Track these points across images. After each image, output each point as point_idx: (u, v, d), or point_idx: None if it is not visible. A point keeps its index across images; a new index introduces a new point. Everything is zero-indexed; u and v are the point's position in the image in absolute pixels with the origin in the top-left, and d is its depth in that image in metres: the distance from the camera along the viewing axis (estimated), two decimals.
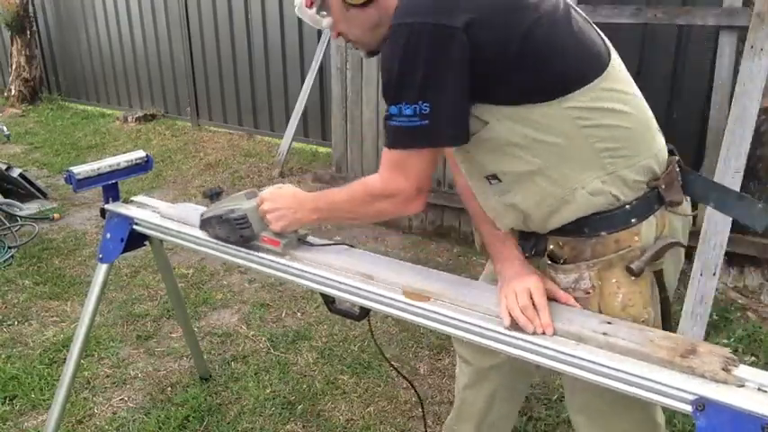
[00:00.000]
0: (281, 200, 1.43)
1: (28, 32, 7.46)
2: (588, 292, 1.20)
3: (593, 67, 1.15)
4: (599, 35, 1.23)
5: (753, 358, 2.52)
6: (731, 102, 2.71)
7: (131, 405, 2.34)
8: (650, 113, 1.24)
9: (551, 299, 1.21)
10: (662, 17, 3.13)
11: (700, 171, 3.19)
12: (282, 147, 5.14)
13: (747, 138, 2.61)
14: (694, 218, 1.31)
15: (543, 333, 1.14)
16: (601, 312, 1.19)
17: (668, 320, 1.25)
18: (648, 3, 3.50)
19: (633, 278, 1.17)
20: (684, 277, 2.97)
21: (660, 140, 1.24)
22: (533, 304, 1.17)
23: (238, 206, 1.48)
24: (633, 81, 1.24)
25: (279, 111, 5.85)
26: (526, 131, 1.14)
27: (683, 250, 1.28)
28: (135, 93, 7.11)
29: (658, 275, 1.21)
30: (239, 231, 1.48)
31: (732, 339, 2.62)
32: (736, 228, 2.88)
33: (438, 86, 1.11)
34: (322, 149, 5.53)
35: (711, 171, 2.78)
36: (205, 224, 1.57)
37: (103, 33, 7.13)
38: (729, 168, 2.62)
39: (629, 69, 1.26)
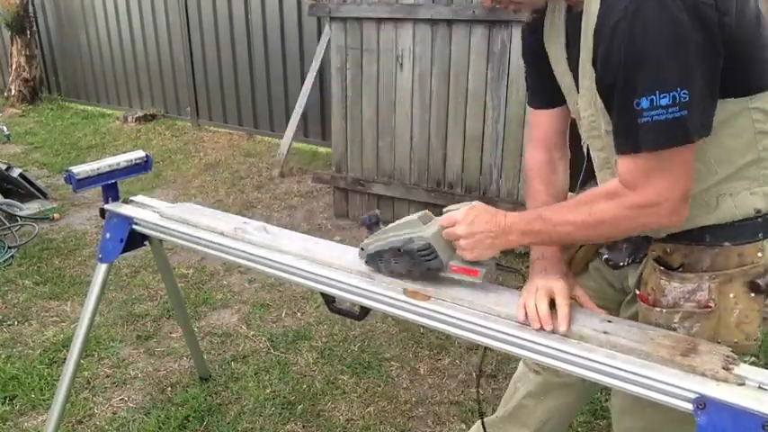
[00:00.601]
0: (480, 223, 1.18)
1: (28, 32, 7.46)
2: (708, 306, 1.13)
3: None
4: None
5: (753, 358, 2.52)
6: None
7: (131, 405, 2.34)
8: None
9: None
10: None
11: None
12: (282, 147, 5.14)
13: None
14: None
15: (553, 331, 1.12)
16: (715, 330, 1.13)
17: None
18: None
19: (753, 295, 1.12)
20: None
21: None
22: (553, 304, 1.16)
23: (417, 233, 1.24)
24: None
25: (279, 111, 5.86)
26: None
27: None
28: (135, 93, 7.11)
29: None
30: (425, 264, 1.26)
31: None
32: None
33: (696, 69, 0.96)
34: (322, 149, 5.54)
35: None
36: (375, 258, 1.32)
37: (103, 33, 7.13)
38: None
39: None
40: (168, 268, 2.21)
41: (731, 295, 1.12)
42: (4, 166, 4.33)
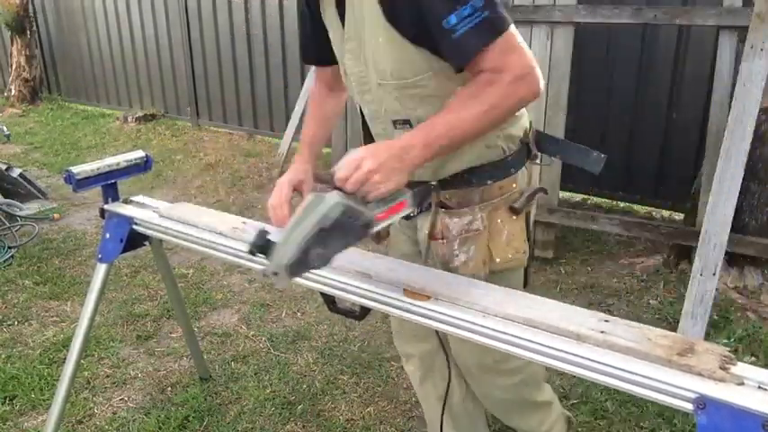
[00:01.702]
0: (380, 152, 1.14)
1: (28, 32, 7.47)
2: (478, 230, 1.39)
3: None
4: None
5: (753, 358, 2.52)
6: (731, 102, 2.71)
7: (131, 405, 2.34)
8: None
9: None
10: (662, 17, 3.13)
11: (700, 171, 3.20)
12: (282, 147, 5.14)
13: (747, 138, 2.61)
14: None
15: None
16: (489, 248, 1.39)
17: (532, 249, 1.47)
18: (648, 3, 3.51)
19: (515, 217, 1.40)
20: (684, 277, 2.98)
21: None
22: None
23: (326, 205, 1.09)
24: None
25: (279, 111, 5.86)
26: (456, 82, 1.22)
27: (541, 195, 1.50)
28: (135, 93, 7.11)
29: (527, 216, 1.45)
30: (354, 226, 1.12)
31: (732, 339, 2.62)
32: (736, 228, 2.88)
33: None
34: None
35: (711, 171, 2.78)
36: (300, 264, 1.10)
37: (103, 33, 7.14)
38: (729, 168, 2.62)
39: (628, 69, 1.31)
40: (168, 268, 2.22)
41: (498, 220, 1.39)
42: (4, 166, 4.33)
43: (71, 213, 4.27)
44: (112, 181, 1.88)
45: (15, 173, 4.36)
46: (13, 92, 7.60)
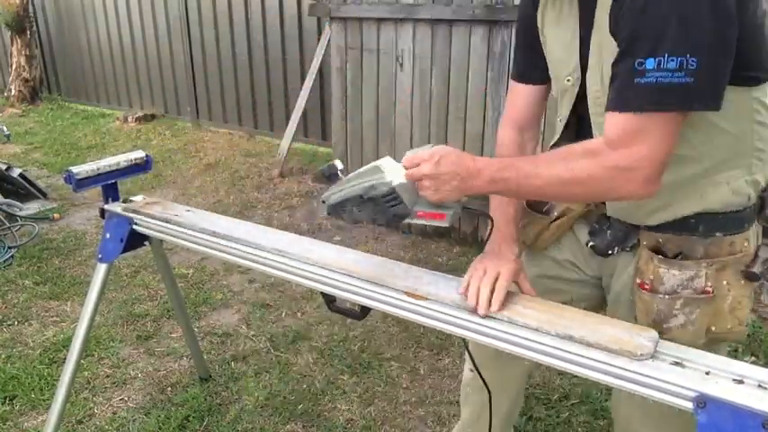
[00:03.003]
0: (446, 163, 1.09)
1: (28, 32, 7.47)
2: (706, 292, 1.15)
3: None
4: None
5: (753, 358, 2.52)
6: None
7: (131, 405, 2.34)
8: None
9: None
10: None
11: None
12: (282, 147, 5.14)
13: None
14: None
15: (485, 315, 1.16)
16: (712, 315, 1.16)
17: None
18: None
19: (743, 282, 1.16)
20: None
21: None
22: (495, 287, 1.19)
23: (379, 179, 1.16)
24: None
25: (279, 111, 5.86)
26: (708, 112, 1.03)
27: None
28: (135, 93, 7.11)
29: None
30: (390, 210, 1.18)
31: None
32: None
33: (713, 39, 0.94)
34: (322, 149, 5.54)
35: None
36: (337, 209, 1.23)
37: (103, 33, 7.14)
38: None
39: None
40: (168, 268, 2.21)
41: (725, 282, 1.16)
42: (4, 166, 4.33)
43: (71, 213, 4.27)
44: (112, 181, 1.88)
45: (15, 173, 4.36)
46: (13, 92, 7.60)
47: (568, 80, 1.24)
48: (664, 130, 0.98)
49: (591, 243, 1.33)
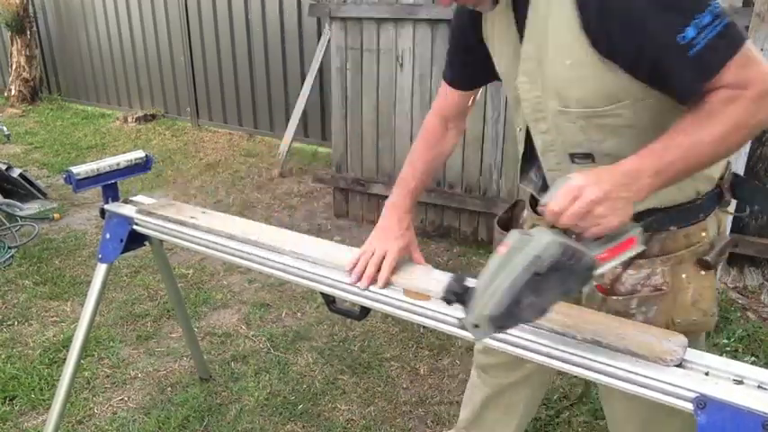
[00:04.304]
0: (605, 178, 0.97)
1: (28, 32, 7.47)
2: (661, 289, 1.16)
3: None
4: None
5: (753, 358, 2.52)
6: None
7: (131, 405, 2.34)
8: None
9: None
10: None
11: None
12: (282, 147, 5.14)
13: None
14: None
15: (366, 287, 1.29)
16: (672, 311, 1.16)
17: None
18: None
19: (703, 272, 1.16)
20: None
21: None
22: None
23: (537, 244, 0.92)
24: None
25: (279, 111, 5.86)
26: (678, 113, 1.02)
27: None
28: (135, 93, 7.11)
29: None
30: (577, 268, 0.96)
31: (732, 339, 2.62)
32: (736, 228, 2.88)
33: None
34: (322, 149, 5.54)
35: None
36: (507, 317, 0.94)
37: (103, 33, 7.14)
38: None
39: None
40: (168, 268, 2.22)
41: (683, 276, 1.16)
42: (4, 166, 4.33)
43: (71, 213, 4.27)
44: (112, 181, 1.88)
45: (15, 173, 4.36)
46: (13, 92, 7.60)
47: (516, 90, 1.25)
48: (752, 57, 0.98)
49: None
